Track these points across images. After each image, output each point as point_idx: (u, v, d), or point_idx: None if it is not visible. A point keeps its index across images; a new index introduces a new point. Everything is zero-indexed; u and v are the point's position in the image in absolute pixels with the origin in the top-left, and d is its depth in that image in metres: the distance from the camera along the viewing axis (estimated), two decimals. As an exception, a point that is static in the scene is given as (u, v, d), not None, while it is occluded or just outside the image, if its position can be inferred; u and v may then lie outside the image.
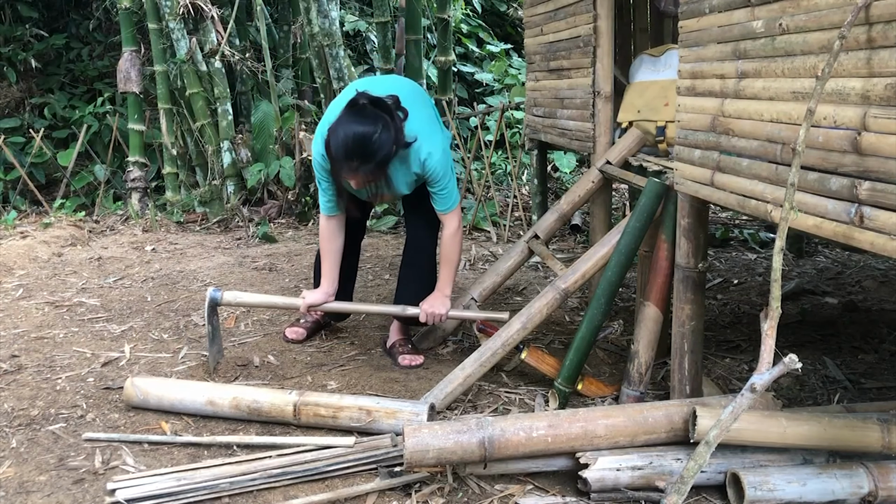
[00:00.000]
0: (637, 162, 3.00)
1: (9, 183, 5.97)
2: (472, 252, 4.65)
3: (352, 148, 2.44)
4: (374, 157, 2.45)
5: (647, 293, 2.53)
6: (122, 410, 2.52)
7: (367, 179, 2.54)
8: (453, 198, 2.76)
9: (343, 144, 2.45)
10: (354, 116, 2.48)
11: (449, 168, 2.72)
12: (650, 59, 3.31)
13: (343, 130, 2.46)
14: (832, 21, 1.56)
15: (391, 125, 2.49)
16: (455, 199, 2.77)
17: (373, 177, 2.53)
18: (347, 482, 2.08)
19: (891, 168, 1.40)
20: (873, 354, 2.97)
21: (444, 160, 2.68)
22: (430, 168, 2.66)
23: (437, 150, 2.66)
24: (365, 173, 2.49)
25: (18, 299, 3.76)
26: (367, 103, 2.51)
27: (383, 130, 2.46)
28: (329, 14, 5.55)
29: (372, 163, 2.46)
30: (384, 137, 2.46)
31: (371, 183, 2.59)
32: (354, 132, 2.44)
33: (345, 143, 2.45)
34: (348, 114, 2.50)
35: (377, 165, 2.48)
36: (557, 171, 6.54)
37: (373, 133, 2.44)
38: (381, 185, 2.67)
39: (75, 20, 6.95)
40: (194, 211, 5.66)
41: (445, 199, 2.75)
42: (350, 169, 2.48)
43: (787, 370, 1.58)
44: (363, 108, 2.50)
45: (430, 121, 2.75)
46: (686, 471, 1.71)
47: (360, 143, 2.43)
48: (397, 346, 2.95)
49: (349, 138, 2.44)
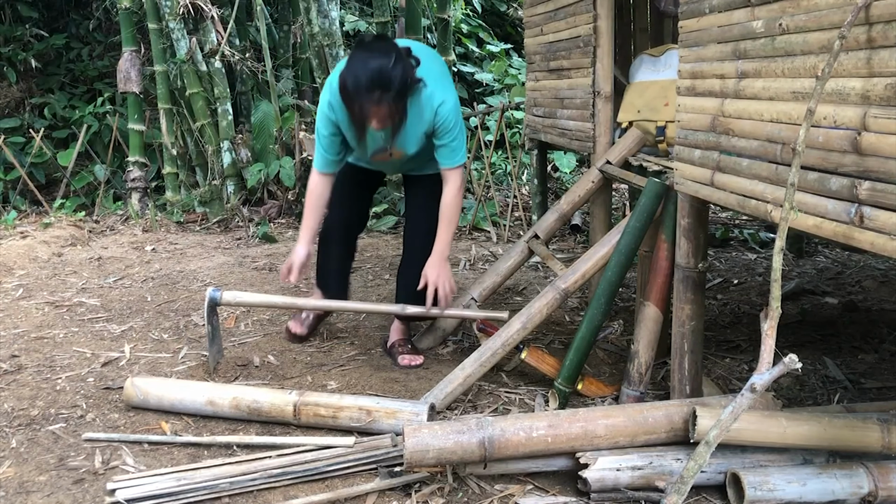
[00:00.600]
0: (637, 162, 3.00)
1: (9, 183, 5.97)
2: (472, 252, 4.65)
3: (372, 78, 2.43)
4: (394, 84, 2.44)
5: (647, 293, 2.53)
6: (122, 410, 2.52)
7: (390, 113, 2.50)
8: (461, 153, 2.76)
9: (363, 77, 2.44)
10: (367, 52, 2.49)
11: (460, 121, 2.72)
12: (650, 59, 3.31)
13: (359, 65, 2.46)
14: (832, 21, 1.56)
15: (403, 59, 2.50)
16: (462, 156, 2.77)
17: (395, 110, 2.50)
18: (347, 482, 2.08)
19: (891, 168, 1.40)
20: (873, 354, 2.97)
21: (456, 111, 2.69)
22: (442, 116, 2.66)
23: (450, 99, 2.67)
24: (388, 104, 2.46)
25: (18, 299, 3.76)
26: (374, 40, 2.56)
27: (398, 61, 2.46)
28: (329, 14, 5.55)
29: (393, 91, 2.45)
30: (400, 67, 2.47)
31: (393, 121, 2.55)
32: (372, 65, 2.44)
33: (364, 75, 2.43)
34: (360, 52, 2.51)
35: (398, 94, 2.47)
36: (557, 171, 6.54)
37: (389, 62, 2.45)
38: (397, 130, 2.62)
39: (75, 20, 6.95)
40: (194, 211, 5.66)
41: (454, 153, 2.74)
42: (372, 101, 2.45)
43: (787, 370, 1.58)
44: (372, 44, 2.53)
45: (443, 75, 2.76)
46: (686, 471, 1.71)
47: (378, 72, 2.43)
48: (397, 346, 2.95)
49: (368, 70, 2.43)
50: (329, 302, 3.00)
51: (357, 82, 2.45)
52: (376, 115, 2.50)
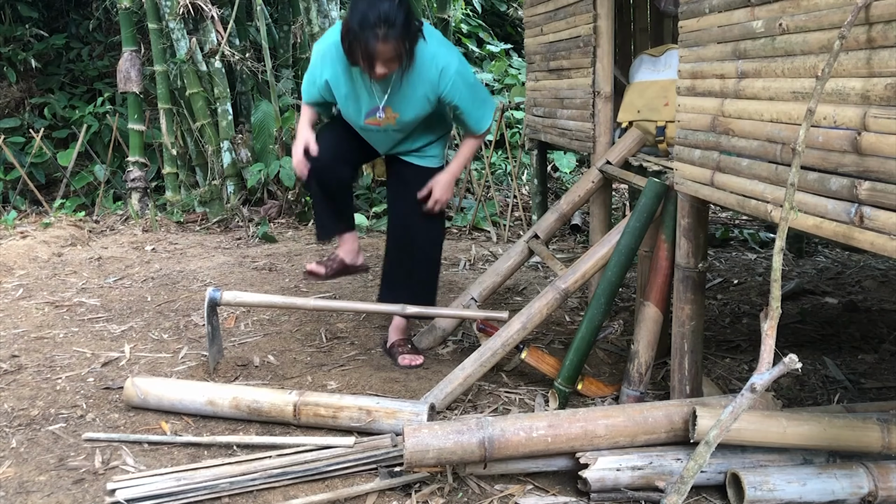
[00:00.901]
0: (637, 162, 3.00)
1: (9, 183, 5.97)
2: (472, 252, 4.65)
3: (379, 14, 2.40)
4: (400, 20, 2.41)
5: (647, 293, 2.54)
6: (122, 410, 2.52)
7: (396, 52, 2.45)
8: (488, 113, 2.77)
9: (370, 14, 2.41)
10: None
11: (476, 82, 2.70)
12: (650, 59, 3.31)
13: (365, 5, 2.43)
14: (832, 21, 1.56)
15: (406, 3, 2.48)
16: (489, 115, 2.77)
17: (401, 49, 2.46)
18: (347, 482, 2.08)
19: (891, 168, 1.40)
20: (873, 354, 2.97)
21: (464, 72, 2.65)
22: (448, 79, 2.61)
23: (454, 61, 2.63)
24: (395, 41, 2.42)
25: (18, 299, 3.76)
26: None
27: (402, 3, 2.45)
28: (329, 14, 5.55)
29: (399, 27, 2.42)
30: (405, 9, 2.45)
31: (400, 62, 2.50)
32: (378, 4, 2.41)
33: (372, 13, 2.40)
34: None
35: (404, 31, 2.44)
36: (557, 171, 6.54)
37: (394, 3, 2.43)
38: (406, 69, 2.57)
39: (75, 20, 6.95)
40: (194, 211, 5.66)
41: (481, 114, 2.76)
42: (377, 37, 2.41)
43: (787, 370, 1.58)
44: None
45: (446, 42, 2.72)
46: (686, 471, 1.72)
47: (385, 8, 2.40)
48: (397, 347, 2.94)
49: (374, 8, 2.41)
50: (330, 302, 3.00)
51: (363, 19, 2.41)
52: (382, 54, 2.44)
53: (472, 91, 2.69)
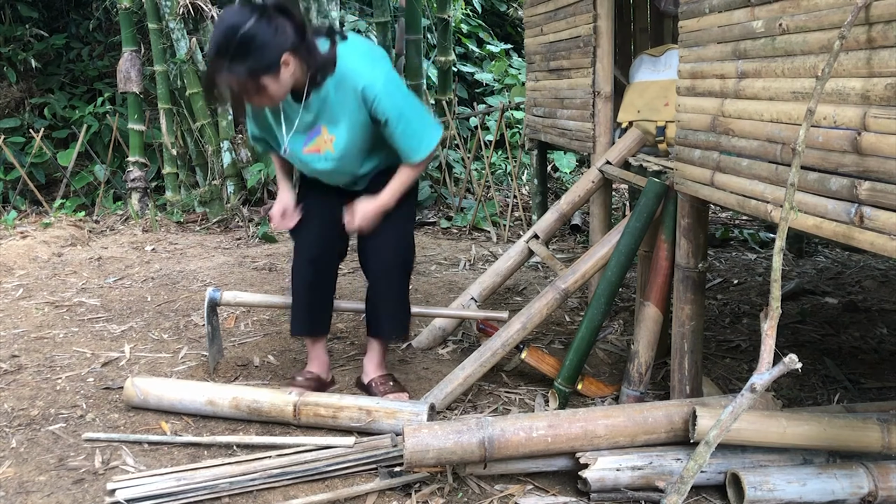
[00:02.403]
0: (637, 162, 3.00)
1: (9, 183, 5.98)
2: (472, 252, 4.65)
3: (220, 40, 2.03)
4: (247, 53, 2.02)
5: (647, 293, 2.54)
6: (122, 410, 2.52)
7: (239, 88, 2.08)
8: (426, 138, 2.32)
9: (216, 35, 2.05)
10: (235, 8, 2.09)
11: (409, 99, 2.29)
12: (650, 59, 3.31)
13: (219, 21, 2.08)
14: (832, 21, 1.56)
15: (281, 24, 2.08)
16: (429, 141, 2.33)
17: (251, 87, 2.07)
18: (347, 482, 2.08)
19: (891, 168, 1.40)
20: (873, 354, 2.97)
21: (391, 89, 2.23)
22: (371, 98, 2.22)
23: (378, 78, 2.22)
24: (240, 78, 2.05)
25: (18, 299, 3.76)
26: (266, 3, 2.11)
27: (264, 25, 2.04)
28: (329, 14, 5.55)
29: (244, 63, 2.03)
30: (265, 33, 2.04)
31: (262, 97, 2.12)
32: (229, 19, 2.05)
33: (217, 33, 2.05)
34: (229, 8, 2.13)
35: (253, 68, 2.04)
36: (557, 171, 6.55)
37: (244, 22, 2.03)
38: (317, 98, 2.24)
39: (75, 20, 6.96)
40: (194, 211, 5.67)
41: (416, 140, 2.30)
42: (219, 70, 2.05)
43: (787, 370, 1.58)
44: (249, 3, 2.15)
45: (370, 54, 2.29)
46: (686, 471, 1.71)
47: (229, 33, 2.02)
48: (378, 385, 2.58)
49: (218, 29, 2.05)
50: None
51: (209, 47, 2.07)
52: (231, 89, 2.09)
53: (405, 111, 2.29)
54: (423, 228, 5.40)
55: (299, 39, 2.15)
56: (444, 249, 4.76)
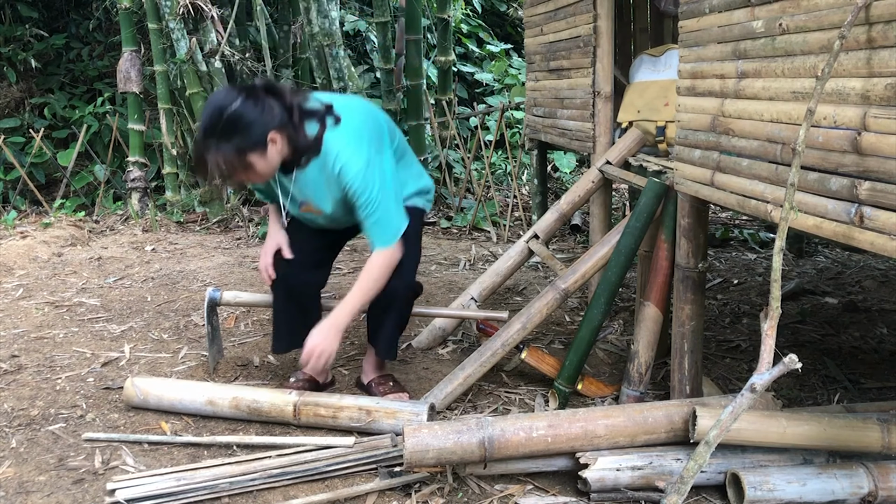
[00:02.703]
0: (637, 162, 3.00)
1: (9, 183, 5.97)
2: (472, 252, 4.65)
3: (207, 121, 2.08)
4: (233, 132, 2.06)
5: (647, 293, 2.54)
6: (122, 410, 2.52)
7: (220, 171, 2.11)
8: (389, 229, 2.26)
9: (202, 119, 2.11)
10: (223, 90, 2.17)
11: (375, 186, 2.22)
12: (650, 59, 3.31)
13: (207, 102, 2.15)
14: (832, 21, 1.56)
15: (268, 104, 2.13)
16: (392, 232, 2.27)
17: (226, 167, 2.10)
18: (347, 482, 2.08)
19: (891, 168, 1.40)
20: (873, 354, 2.97)
21: (367, 175, 2.21)
22: (346, 181, 2.22)
23: (356, 161, 2.20)
24: (227, 156, 2.08)
25: (18, 299, 3.76)
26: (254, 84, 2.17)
27: (250, 105, 2.09)
28: (329, 14, 5.55)
29: (231, 141, 2.07)
30: (251, 112, 2.09)
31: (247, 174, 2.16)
32: (212, 104, 2.11)
33: (205, 114, 2.11)
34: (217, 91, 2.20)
35: (240, 146, 2.08)
36: (557, 171, 6.55)
37: (230, 103, 2.08)
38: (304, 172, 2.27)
39: (75, 20, 6.95)
40: (194, 211, 5.66)
41: (381, 230, 2.26)
42: (207, 149, 2.09)
43: (787, 370, 1.58)
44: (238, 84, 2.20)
45: (359, 133, 2.27)
46: (686, 471, 1.71)
47: (216, 114, 2.07)
48: (377, 386, 2.61)
49: (206, 111, 2.11)
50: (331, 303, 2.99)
51: (199, 128, 2.14)
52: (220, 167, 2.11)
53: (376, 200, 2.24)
54: (423, 228, 5.40)
55: (287, 118, 2.19)
56: (444, 249, 4.76)
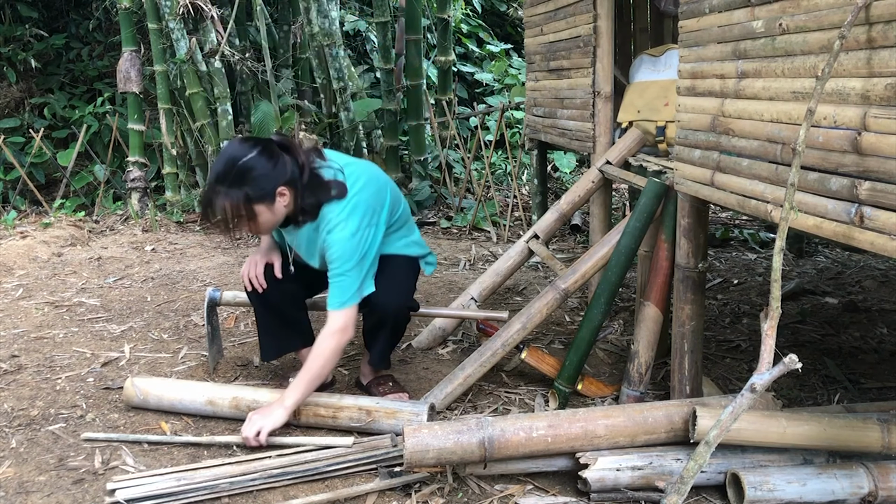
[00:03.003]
0: (637, 162, 3.00)
1: (9, 183, 5.97)
2: (472, 252, 4.65)
3: (220, 168, 2.18)
4: (243, 181, 2.15)
5: (647, 293, 2.54)
6: (122, 410, 2.52)
7: (223, 216, 2.18)
8: (349, 294, 2.29)
9: (217, 161, 2.22)
10: (238, 141, 2.26)
11: (354, 258, 2.28)
12: (650, 59, 3.31)
13: (224, 149, 2.25)
14: (832, 21, 1.56)
15: (281, 159, 2.22)
16: (350, 297, 2.30)
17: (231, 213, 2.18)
18: (347, 482, 2.08)
19: (891, 168, 1.40)
20: (873, 354, 2.97)
21: (350, 245, 2.26)
22: (327, 243, 2.29)
23: (347, 227, 2.27)
24: (234, 202, 2.16)
25: (18, 299, 3.76)
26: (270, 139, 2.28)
27: (264, 159, 2.19)
28: (329, 14, 5.55)
29: (241, 189, 2.15)
30: (263, 165, 2.18)
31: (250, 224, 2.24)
32: (231, 151, 2.21)
33: (218, 160, 2.21)
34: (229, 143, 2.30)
35: (248, 195, 2.17)
36: (557, 171, 6.55)
37: (244, 154, 2.18)
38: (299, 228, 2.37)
39: (75, 20, 6.95)
40: (194, 211, 5.66)
41: (339, 291, 2.29)
42: (216, 194, 2.17)
43: (787, 370, 1.58)
44: (253, 137, 2.30)
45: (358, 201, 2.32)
46: (686, 471, 1.71)
47: (229, 163, 2.17)
48: (376, 386, 2.63)
49: (219, 159, 2.21)
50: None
51: (210, 175, 2.22)
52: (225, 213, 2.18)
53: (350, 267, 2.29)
54: (423, 228, 5.40)
55: (298, 175, 2.26)
56: (444, 249, 4.76)
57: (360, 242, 2.30)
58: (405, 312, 2.53)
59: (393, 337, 2.54)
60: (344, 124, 5.76)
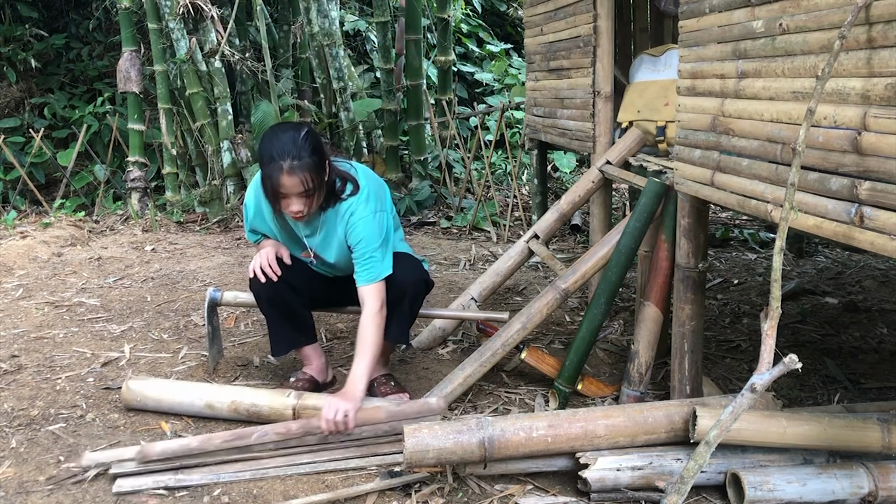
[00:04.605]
0: (637, 162, 3.00)
1: (9, 183, 5.97)
2: (472, 252, 4.65)
3: (283, 145, 2.27)
4: (306, 152, 2.27)
5: (647, 293, 2.53)
6: (122, 410, 2.52)
7: (303, 187, 2.28)
8: (377, 270, 2.41)
9: (275, 145, 2.29)
10: (281, 125, 2.41)
11: (378, 238, 2.41)
12: (650, 59, 3.31)
13: (271, 136, 2.34)
14: (832, 21, 1.56)
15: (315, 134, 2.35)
16: (379, 272, 2.41)
17: (309, 182, 2.28)
18: (347, 482, 2.08)
19: (891, 168, 1.40)
20: (873, 354, 2.97)
21: (372, 224, 2.40)
22: (351, 225, 2.41)
23: (366, 212, 2.41)
24: (301, 174, 2.26)
25: (18, 299, 3.76)
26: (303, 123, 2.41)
27: (309, 133, 2.33)
28: (329, 14, 5.55)
29: (305, 159, 2.26)
30: (312, 139, 2.32)
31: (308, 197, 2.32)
32: (284, 133, 2.32)
33: (275, 144, 2.29)
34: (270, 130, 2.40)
35: (312, 165, 2.28)
36: (557, 171, 6.55)
37: (301, 131, 2.32)
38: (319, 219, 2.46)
39: (75, 20, 6.95)
40: (194, 211, 5.66)
41: (368, 267, 2.40)
42: (282, 170, 2.25)
43: (787, 370, 1.58)
44: (281, 124, 2.42)
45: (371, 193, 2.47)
46: (686, 471, 1.71)
47: (291, 139, 2.29)
48: (378, 386, 2.63)
49: (279, 138, 2.30)
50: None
51: (269, 152, 2.29)
52: (288, 188, 2.28)
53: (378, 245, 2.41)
54: (423, 228, 5.40)
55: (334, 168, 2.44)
56: (444, 249, 4.76)
57: (381, 223, 2.44)
58: (421, 286, 2.60)
59: (411, 310, 2.59)
60: (344, 124, 5.77)
